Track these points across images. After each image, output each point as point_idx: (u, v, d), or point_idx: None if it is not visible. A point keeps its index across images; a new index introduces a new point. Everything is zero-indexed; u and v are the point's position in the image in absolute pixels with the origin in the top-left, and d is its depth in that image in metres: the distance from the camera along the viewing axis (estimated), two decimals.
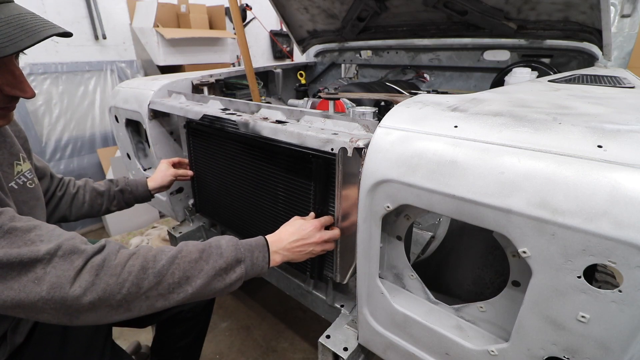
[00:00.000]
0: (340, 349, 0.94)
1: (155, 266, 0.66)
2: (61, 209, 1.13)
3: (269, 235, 0.87)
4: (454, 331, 0.73)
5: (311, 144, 0.88)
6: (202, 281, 0.70)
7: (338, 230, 0.93)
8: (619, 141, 0.51)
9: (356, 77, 2.53)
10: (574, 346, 0.55)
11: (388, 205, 0.71)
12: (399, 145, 0.68)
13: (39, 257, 0.60)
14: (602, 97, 0.79)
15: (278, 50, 4.40)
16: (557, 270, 0.52)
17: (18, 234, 0.62)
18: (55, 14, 2.54)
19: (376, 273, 0.81)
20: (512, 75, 1.43)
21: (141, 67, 3.04)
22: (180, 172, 1.36)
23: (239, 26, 1.64)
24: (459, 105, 0.73)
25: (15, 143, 0.90)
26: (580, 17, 1.44)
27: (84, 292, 0.59)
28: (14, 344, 0.84)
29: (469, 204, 0.58)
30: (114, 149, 2.84)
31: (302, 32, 2.35)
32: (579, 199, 0.49)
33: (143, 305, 0.66)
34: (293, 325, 1.93)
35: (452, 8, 1.65)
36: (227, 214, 1.38)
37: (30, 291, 0.58)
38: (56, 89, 2.59)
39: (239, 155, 1.21)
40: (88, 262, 0.62)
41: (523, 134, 0.58)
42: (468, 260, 1.09)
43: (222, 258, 0.73)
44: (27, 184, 0.89)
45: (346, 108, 1.46)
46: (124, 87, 1.61)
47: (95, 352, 0.96)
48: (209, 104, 1.31)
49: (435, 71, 2.15)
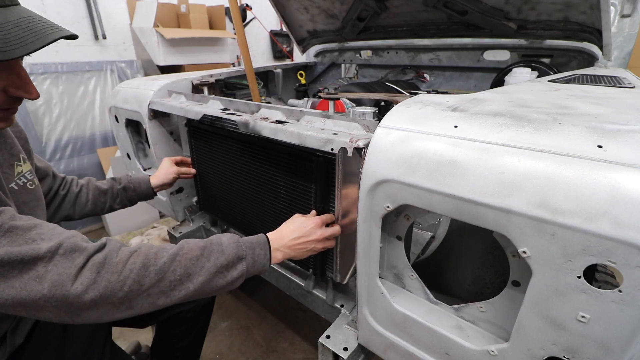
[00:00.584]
0: (340, 349, 0.94)
1: (157, 264, 0.66)
2: (65, 208, 1.14)
3: (270, 232, 0.87)
4: (454, 331, 0.73)
5: (311, 144, 0.88)
6: (204, 278, 0.70)
7: (339, 227, 0.94)
8: (619, 141, 0.51)
9: (356, 77, 2.53)
10: (574, 346, 0.55)
11: (388, 205, 0.71)
12: (399, 145, 0.68)
13: (40, 255, 0.60)
14: (602, 97, 0.79)
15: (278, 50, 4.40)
16: (557, 270, 0.52)
17: (19, 232, 0.62)
18: (55, 14, 2.54)
19: (376, 273, 0.81)
20: (512, 75, 1.43)
21: (141, 67, 3.04)
22: (183, 170, 1.36)
23: (239, 26, 1.64)
24: (459, 105, 0.73)
25: (15, 144, 0.90)
26: (580, 17, 1.44)
27: (85, 289, 0.59)
28: (14, 345, 0.84)
29: (469, 204, 0.58)
30: (114, 149, 2.84)
31: (302, 32, 2.35)
32: (579, 199, 0.48)
33: (145, 303, 0.66)
34: (293, 325, 1.93)
35: (452, 8, 1.65)
36: (230, 211, 1.39)
37: (31, 289, 0.58)
38: (56, 89, 2.59)
39: (239, 155, 1.22)
40: (89, 259, 0.62)
41: (523, 134, 0.58)
42: (468, 260, 1.09)
43: (224, 255, 0.73)
44: (27, 185, 0.89)
45: (346, 108, 1.46)
46: (124, 87, 1.61)
47: (95, 352, 0.96)
48: (209, 104, 1.31)
49: (435, 71, 2.15)
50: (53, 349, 0.91)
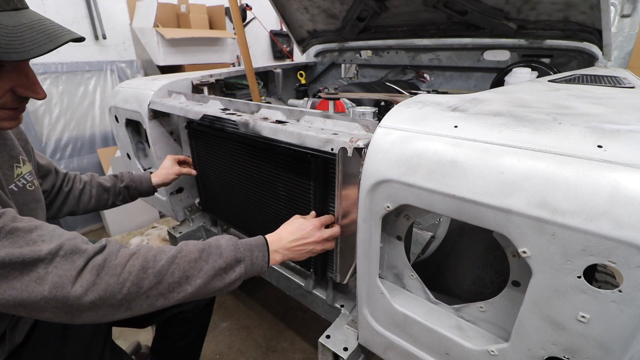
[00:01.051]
0: (340, 349, 0.94)
1: (156, 266, 0.67)
2: (69, 204, 1.17)
3: (269, 234, 0.87)
4: (454, 331, 0.73)
5: (311, 144, 0.88)
6: (202, 281, 0.70)
7: (338, 228, 0.94)
8: (619, 141, 0.51)
9: (356, 77, 2.53)
10: (574, 346, 0.55)
11: (388, 205, 0.71)
12: (399, 145, 0.68)
13: (40, 256, 0.60)
14: (602, 97, 0.79)
15: (278, 50, 4.40)
16: (557, 270, 0.52)
17: (20, 234, 0.62)
18: (55, 13, 2.54)
19: (376, 273, 0.81)
20: (512, 75, 1.43)
21: (141, 67, 3.04)
22: (184, 170, 1.39)
23: (239, 26, 1.64)
24: (459, 105, 0.73)
25: (15, 145, 0.90)
26: (580, 17, 1.44)
27: (85, 291, 0.60)
28: (13, 343, 0.84)
29: (469, 204, 0.58)
30: (114, 149, 2.84)
31: (302, 32, 2.35)
32: (579, 199, 0.49)
33: (143, 305, 0.66)
34: (293, 325, 1.93)
35: (452, 8, 1.65)
36: (231, 212, 1.40)
37: (32, 291, 0.58)
38: (56, 89, 2.59)
39: (240, 155, 1.22)
40: (89, 261, 0.62)
41: (523, 134, 0.58)
42: (468, 260, 1.09)
43: (222, 258, 0.74)
44: (27, 186, 0.89)
45: (346, 108, 1.46)
46: (124, 87, 1.61)
47: (94, 352, 0.97)
48: (209, 104, 1.31)
49: (435, 71, 2.15)
50: (53, 349, 0.91)
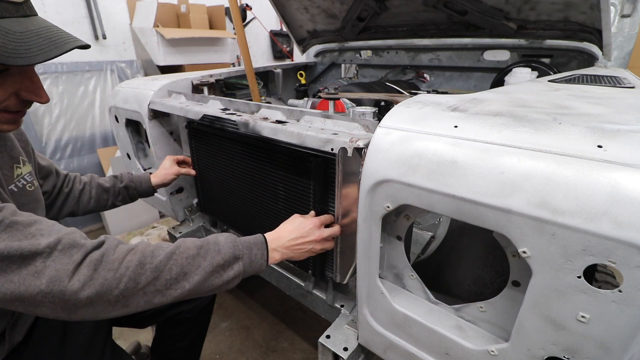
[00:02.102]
0: (340, 349, 0.94)
1: (153, 262, 0.66)
2: (69, 205, 1.17)
3: (269, 233, 0.87)
4: (454, 331, 0.73)
5: (311, 144, 0.88)
6: (200, 277, 0.70)
7: (338, 227, 0.93)
8: (619, 141, 0.51)
9: (356, 77, 2.53)
10: (574, 346, 0.55)
11: (388, 205, 0.71)
12: (399, 145, 0.68)
13: (39, 250, 0.60)
14: (602, 97, 0.79)
15: (278, 50, 4.40)
16: (557, 270, 0.52)
17: (19, 227, 0.62)
18: (55, 13, 2.53)
19: (376, 273, 0.81)
20: (512, 75, 1.43)
21: (141, 67, 3.03)
22: (183, 170, 1.39)
23: (239, 26, 1.64)
24: (459, 105, 0.73)
25: (15, 146, 0.91)
26: (580, 17, 1.44)
27: (82, 286, 0.60)
28: (13, 342, 0.84)
29: (469, 204, 0.58)
30: (114, 149, 2.84)
31: (302, 32, 2.35)
32: (579, 199, 0.48)
33: (140, 301, 0.66)
34: (293, 325, 1.93)
35: (452, 8, 1.65)
36: (230, 212, 1.39)
37: (30, 284, 0.58)
38: (56, 89, 2.59)
39: (240, 155, 1.22)
40: (87, 256, 0.62)
41: (523, 134, 0.58)
42: (468, 260, 1.09)
43: (220, 255, 0.73)
44: (26, 186, 0.90)
45: (346, 108, 1.46)
46: (124, 87, 1.61)
47: (95, 351, 0.96)
48: (209, 104, 1.31)
49: (435, 71, 2.15)
50: (53, 348, 0.91)
